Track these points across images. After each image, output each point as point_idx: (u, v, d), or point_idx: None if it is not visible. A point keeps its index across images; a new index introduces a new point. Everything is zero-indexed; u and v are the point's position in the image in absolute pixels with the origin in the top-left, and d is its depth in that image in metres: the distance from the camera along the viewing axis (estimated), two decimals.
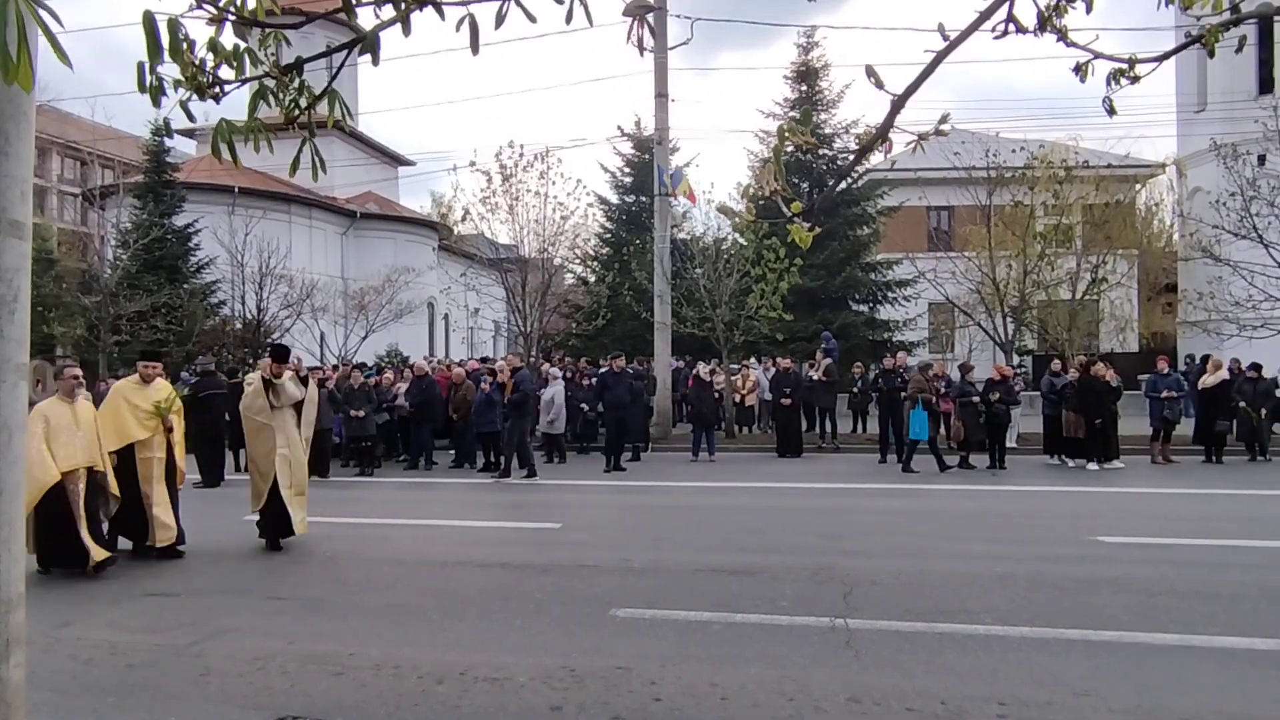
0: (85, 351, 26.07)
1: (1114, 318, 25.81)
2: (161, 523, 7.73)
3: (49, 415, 6.93)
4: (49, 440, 6.81)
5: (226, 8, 2.22)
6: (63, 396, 7.15)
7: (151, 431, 7.79)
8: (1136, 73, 2.60)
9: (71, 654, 5.26)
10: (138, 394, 7.90)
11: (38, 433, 6.68)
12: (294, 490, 8.24)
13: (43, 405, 6.97)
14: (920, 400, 13.57)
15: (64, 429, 6.92)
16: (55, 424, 6.90)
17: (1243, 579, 6.73)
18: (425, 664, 4.98)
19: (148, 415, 7.79)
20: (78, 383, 7.28)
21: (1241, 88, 25.09)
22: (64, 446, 6.86)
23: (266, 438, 8.17)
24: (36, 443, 6.60)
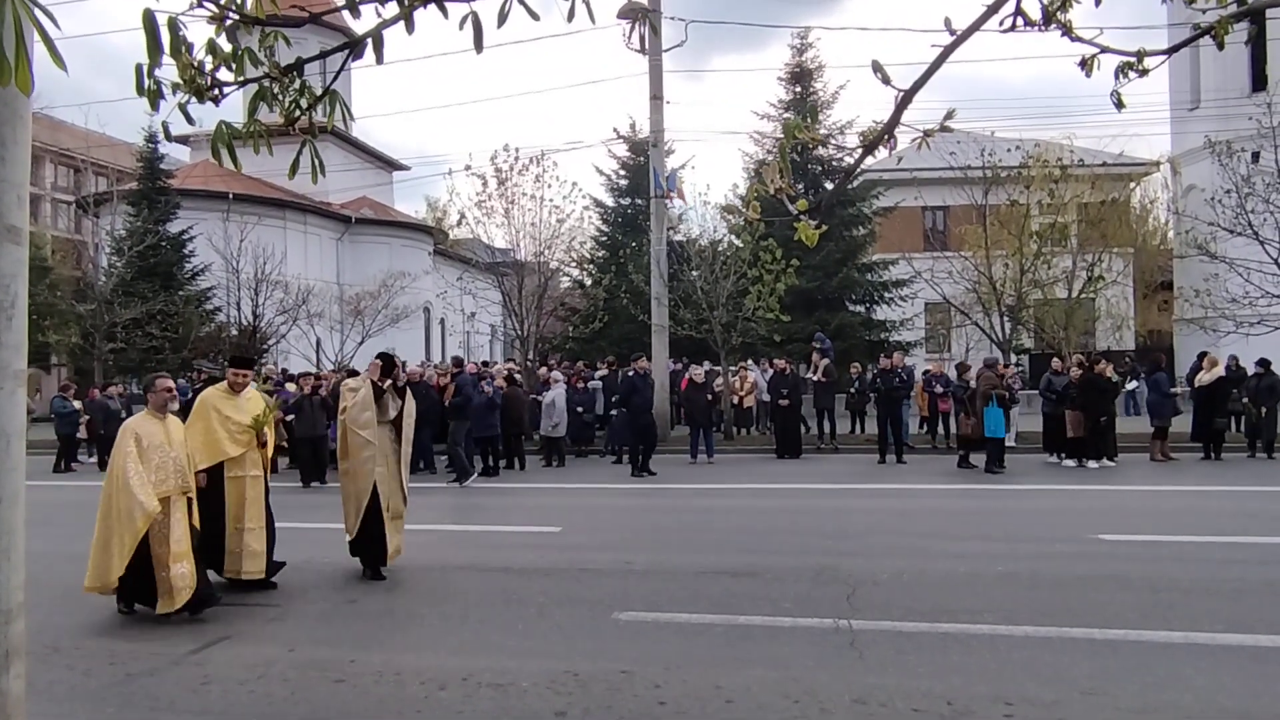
0: (80, 359, 26.06)
1: (1110, 316, 25.84)
2: (251, 551, 6.81)
3: (140, 432, 6.12)
4: (140, 462, 6.01)
5: (228, 6, 2.20)
6: (153, 411, 6.33)
7: (245, 448, 6.91)
8: (1145, 65, 2.59)
9: (69, 664, 5.22)
10: (229, 405, 6.97)
11: (132, 452, 5.97)
12: (391, 514, 7.40)
13: (133, 421, 6.26)
14: (995, 397, 13.39)
15: (157, 448, 6.09)
16: (148, 443, 6.07)
17: (1245, 575, 6.72)
18: (427, 670, 4.95)
19: (241, 430, 6.89)
20: (171, 395, 6.51)
21: (1234, 85, 25.17)
22: (157, 469, 6.03)
23: (369, 455, 7.26)
24: (134, 464, 5.92)
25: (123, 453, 5.97)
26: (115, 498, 5.91)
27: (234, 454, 6.85)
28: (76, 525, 10.59)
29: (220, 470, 6.82)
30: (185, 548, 6.07)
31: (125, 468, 5.88)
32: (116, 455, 6.04)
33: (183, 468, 6.22)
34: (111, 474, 6.04)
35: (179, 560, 6.03)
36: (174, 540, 6.00)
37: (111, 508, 5.93)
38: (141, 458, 5.99)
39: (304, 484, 13.37)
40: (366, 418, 7.28)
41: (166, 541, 5.98)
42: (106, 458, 16.52)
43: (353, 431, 7.31)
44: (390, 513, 7.37)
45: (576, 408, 16.51)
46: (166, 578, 5.94)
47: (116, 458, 6.03)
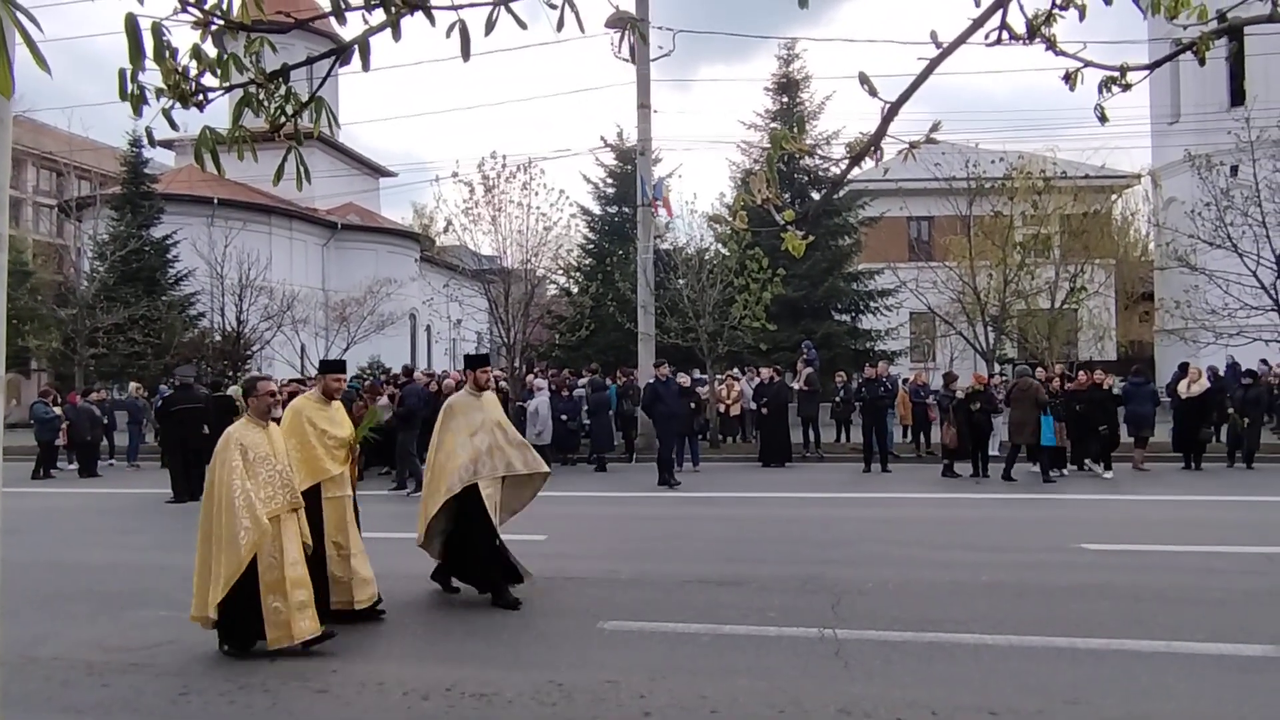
0: (61, 365, 25.78)
1: (1092, 326, 26.08)
2: (361, 578, 6.02)
3: (245, 443, 5.36)
4: (246, 478, 5.29)
5: (212, 11, 2.19)
6: (255, 419, 5.56)
7: (344, 464, 6.10)
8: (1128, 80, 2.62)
9: (47, 674, 5.14)
10: (323, 416, 6.11)
11: (238, 467, 5.25)
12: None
13: (235, 431, 5.45)
14: (1050, 408, 13.36)
15: (263, 460, 5.38)
16: (253, 454, 5.35)
17: (1227, 585, 6.77)
18: (411, 680, 4.91)
19: (338, 444, 6.06)
20: (275, 401, 5.76)
21: (1214, 100, 25.53)
22: (264, 484, 5.33)
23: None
24: (239, 481, 5.21)
25: (227, 466, 5.25)
26: (218, 517, 5.21)
27: (335, 472, 6.01)
28: (55, 533, 10.48)
29: (317, 491, 5.93)
30: (302, 572, 5.40)
31: (230, 484, 5.19)
32: (220, 469, 5.27)
33: (290, 481, 5.51)
34: (213, 490, 5.29)
35: (297, 587, 5.34)
36: (288, 564, 5.32)
37: (213, 529, 5.25)
38: (248, 472, 5.28)
39: None
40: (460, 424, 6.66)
41: (279, 566, 5.29)
42: (86, 464, 16.51)
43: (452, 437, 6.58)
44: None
45: (561, 415, 16.47)
46: (280, 608, 5.26)
47: (220, 472, 5.27)
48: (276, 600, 5.25)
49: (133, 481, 15.71)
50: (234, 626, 5.32)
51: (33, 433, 17.01)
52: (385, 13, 2.21)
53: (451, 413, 6.70)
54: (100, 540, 9.92)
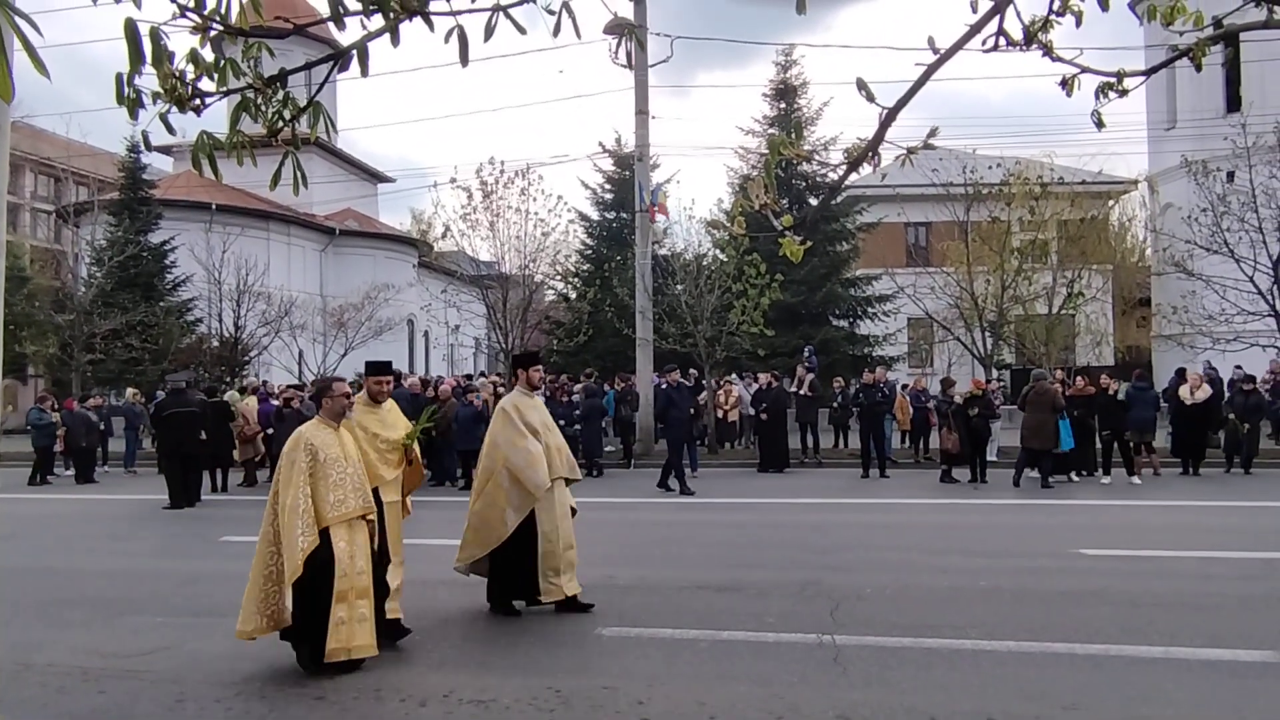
0: (58, 371, 25.75)
1: (1090, 332, 26.13)
2: (397, 588, 5.79)
3: (316, 444, 5.14)
4: (316, 480, 5.04)
5: (211, 17, 2.19)
6: (328, 420, 5.32)
7: (397, 469, 5.80)
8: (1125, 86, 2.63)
9: (42, 681, 5.12)
10: (373, 419, 5.80)
11: (303, 467, 5.02)
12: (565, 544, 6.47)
13: (307, 431, 5.22)
14: (1062, 410, 13.29)
15: (334, 463, 5.12)
16: (324, 456, 5.10)
17: (1224, 590, 6.77)
18: (408, 686, 4.90)
19: (391, 448, 5.75)
20: (349, 402, 5.52)
21: (1210, 106, 25.60)
22: (335, 487, 5.06)
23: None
24: (304, 481, 4.99)
25: (296, 467, 5.03)
26: (281, 517, 4.99)
27: (389, 478, 5.72)
28: (51, 539, 10.45)
29: (374, 496, 5.58)
30: (367, 583, 5.16)
31: (296, 485, 4.99)
32: (286, 469, 5.08)
33: (363, 485, 5.26)
34: (278, 491, 5.11)
35: (361, 598, 5.11)
36: (355, 573, 5.08)
37: (277, 532, 5.03)
38: (318, 475, 5.05)
39: None
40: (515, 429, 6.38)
41: (349, 575, 5.04)
42: (83, 470, 16.47)
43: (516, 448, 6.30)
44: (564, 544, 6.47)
45: (559, 421, 16.41)
46: (344, 618, 5.01)
47: (286, 472, 5.06)
48: (342, 610, 5.02)
49: (129, 487, 15.68)
50: (304, 637, 5.05)
51: (30, 439, 16.99)
52: (384, 18, 2.21)
53: (515, 413, 6.41)
54: (96, 546, 9.90)
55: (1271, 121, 18.40)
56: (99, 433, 17.49)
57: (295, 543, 4.87)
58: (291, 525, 4.90)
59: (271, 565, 5.03)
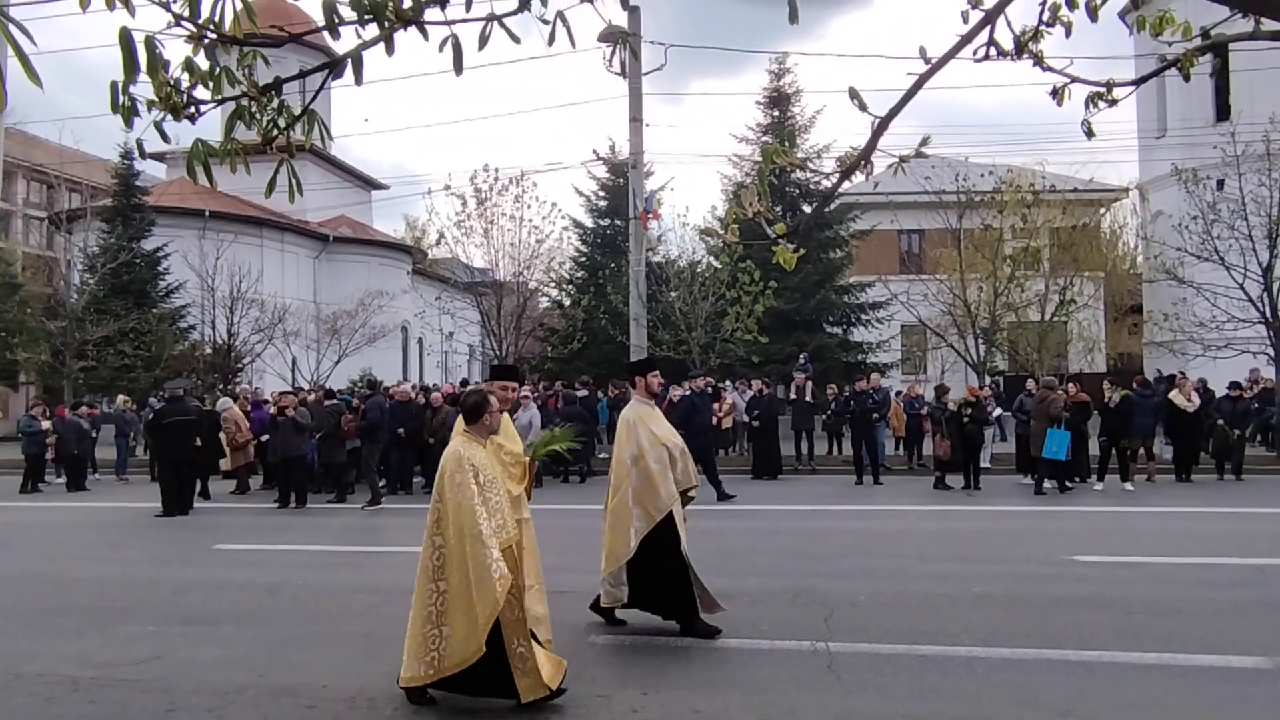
0: (49, 378, 25.61)
1: (1082, 339, 26.23)
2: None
3: (476, 463, 4.63)
4: (483, 502, 4.54)
5: (206, 25, 2.19)
6: (477, 435, 4.82)
7: (522, 483, 5.29)
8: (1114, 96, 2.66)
9: (32, 691, 5.08)
10: (502, 430, 5.30)
11: (474, 490, 4.50)
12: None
13: (462, 449, 4.67)
14: (1060, 419, 13.20)
15: (492, 485, 4.63)
16: (484, 478, 4.60)
17: (1217, 596, 6.79)
18: (401, 695, 4.87)
19: (514, 460, 5.24)
20: (500, 418, 5.02)
21: (1199, 114, 25.78)
22: (495, 512, 4.58)
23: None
24: (481, 506, 4.47)
25: (465, 490, 4.50)
26: (459, 548, 4.44)
27: (515, 492, 5.17)
28: (41, 547, 10.39)
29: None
30: (540, 611, 4.85)
31: (474, 510, 4.45)
32: (453, 492, 4.52)
33: (514, 507, 4.87)
34: (448, 518, 4.54)
35: (538, 625, 4.78)
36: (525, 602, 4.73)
37: (455, 564, 4.47)
38: (480, 497, 4.54)
39: (281, 504, 13.16)
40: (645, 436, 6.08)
41: (518, 604, 4.64)
42: (74, 478, 16.37)
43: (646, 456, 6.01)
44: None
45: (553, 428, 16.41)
46: (524, 653, 4.56)
47: (455, 495, 4.50)
48: (520, 644, 4.55)
49: (121, 495, 15.59)
50: (472, 677, 4.52)
51: (20, 446, 16.89)
52: (379, 27, 2.22)
53: (639, 423, 6.14)
54: (87, 554, 9.84)
55: (1260, 130, 18.53)
56: (90, 440, 17.40)
57: (490, 574, 4.32)
58: (480, 555, 4.35)
59: (431, 605, 4.51)
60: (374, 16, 2.17)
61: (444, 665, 4.47)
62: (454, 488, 4.51)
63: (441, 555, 4.52)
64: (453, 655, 4.44)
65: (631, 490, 5.96)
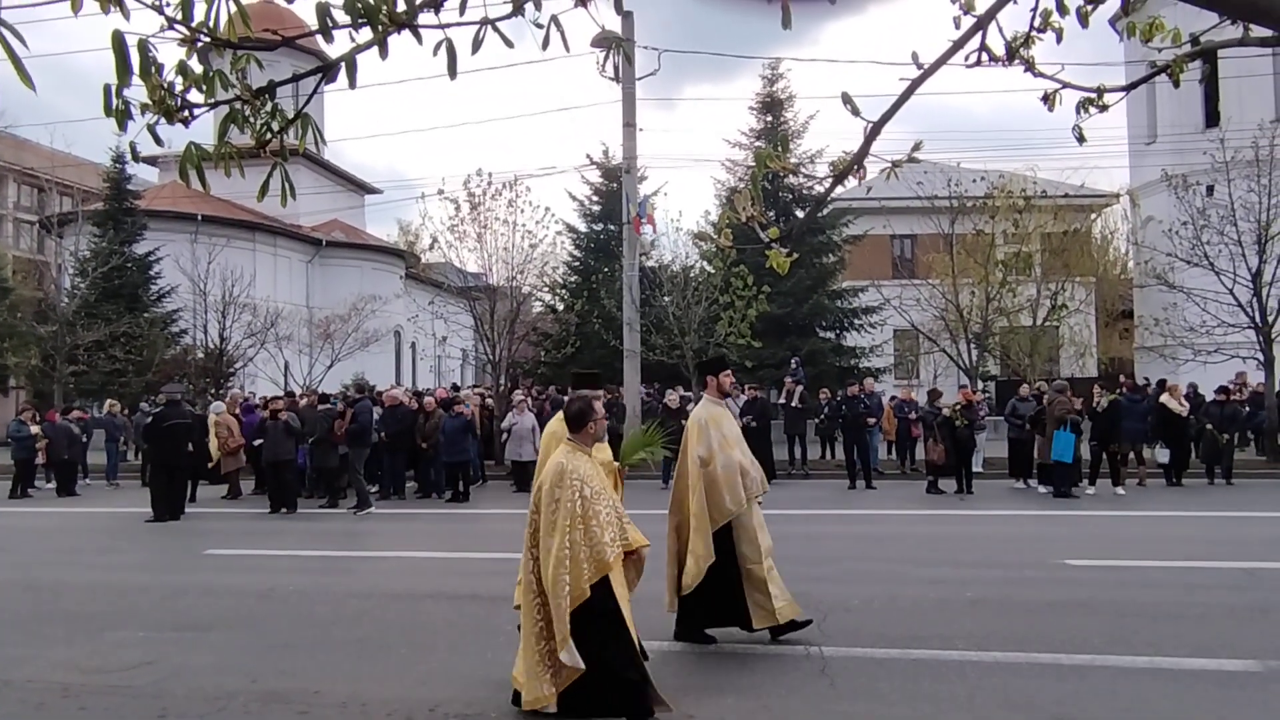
0: (40, 382, 25.47)
1: (1073, 343, 26.33)
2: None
3: (583, 476, 4.46)
4: (588, 520, 4.36)
5: (199, 29, 2.19)
6: (582, 445, 4.64)
7: (617, 493, 5.13)
8: (1105, 101, 2.68)
9: (22, 698, 5.05)
10: None
11: (573, 510, 4.35)
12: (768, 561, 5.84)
13: (569, 462, 4.48)
14: (1068, 422, 13.15)
15: (600, 497, 4.46)
16: (591, 491, 4.44)
17: (1208, 600, 6.82)
18: (394, 701, 4.86)
19: (606, 469, 5.05)
20: (605, 426, 4.85)
21: (1189, 121, 25.94)
22: (607, 525, 4.41)
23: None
24: (569, 523, 4.33)
25: (564, 510, 4.35)
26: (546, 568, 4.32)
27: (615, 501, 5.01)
28: (31, 553, 10.32)
29: None
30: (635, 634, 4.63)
31: (565, 530, 4.33)
32: (551, 511, 4.35)
33: (623, 518, 4.65)
34: (539, 533, 4.44)
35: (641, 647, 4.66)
36: (630, 624, 4.53)
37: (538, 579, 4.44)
38: (590, 514, 4.37)
39: (272, 510, 13.11)
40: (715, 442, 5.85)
41: (634, 623, 4.58)
42: (64, 483, 16.27)
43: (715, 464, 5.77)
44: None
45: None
46: (643, 675, 4.51)
47: (551, 515, 4.35)
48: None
49: (111, 500, 15.51)
50: (589, 697, 4.34)
51: (9, 451, 16.79)
52: (372, 31, 2.22)
53: (711, 425, 5.96)
54: (77, 560, 9.78)
55: (1249, 136, 18.65)
56: (81, 445, 17.31)
57: (562, 602, 4.22)
58: (558, 579, 4.23)
59: (540, 619, 4.42)
60: (368, 20, 2.17)
61: (559, 680, 4.37)
62: (548, 505, 4.40)
63: (538, 570, 4.42)
64: (563, 670, 4.33)
65: (702, 493, 5.77)
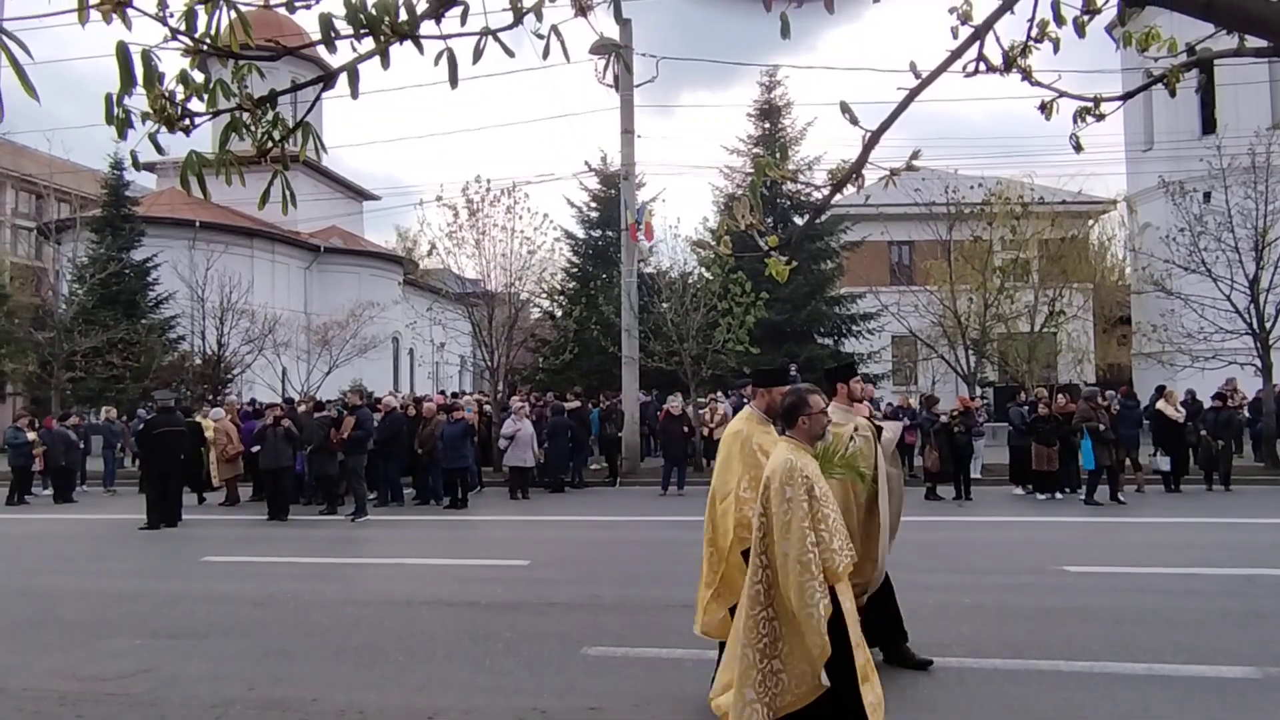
0: (37, 389, 25.43)
1: (1071, 350, 26.35)
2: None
3: (811, 475, 3.89)
4: (816, 522, 3.79)
5: (202, 39, 2.20)
6: (804, 443, 4.05)
7: None
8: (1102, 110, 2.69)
9: (18, 705, 5.03)
10: (771, 441, 4.72)
11: (806, 509, 3.77)
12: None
13: (793, 457, 3.92)
14: (1088, 429, 13.24)
15: (825, 499, 3.88)
16: (819, 491, 3.87)
17: (1207, 607, 6.82)
18: (391, 708, 4.85)
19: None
20: (828, 420, 4.20)
21: (1186, 128, 26.03)
22: (836, 531, 3.87)
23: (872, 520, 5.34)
24: (805, 524, 3.74)
25: (797, 508, 3.77)
26: (788, 574, 3.73)
27: None
28: (28, 559, 10.30)
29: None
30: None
31: (804, 535, 3.73)
32: (783, 511, 3.79)
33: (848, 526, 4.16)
34: (776, 540, 3.80)
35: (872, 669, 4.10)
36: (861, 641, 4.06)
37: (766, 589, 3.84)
38: (818, 516, 3.79)
39: (270, 517, 13.08)
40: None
41: (861, 643, 4.02)
42: (61, 490, 16.24)
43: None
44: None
45: (543, 444, 16.39)
46: (874, 702, 3.97)
47: (784, 515, 3.78)
48: (869, 694, 3.93)
49: (108, 507, 15.48)
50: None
51: (6, 458, 16.76)
52: (374, 41, 2.23)
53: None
54: (74, 567, 9.76)
55: (1246, 143, 18.71)
56: (79, 451, 17.27)
57: (814, 611, 3.67)
58: (805, 587, 3.68)
59: (766, 636, 3.82)
60: (370, 31, 2.18)
61: (779, 704, 3.81)
62: (782, 503, 3.82)
63: (768, 578, 3.85)
64: (786, 693, 3.79)
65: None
